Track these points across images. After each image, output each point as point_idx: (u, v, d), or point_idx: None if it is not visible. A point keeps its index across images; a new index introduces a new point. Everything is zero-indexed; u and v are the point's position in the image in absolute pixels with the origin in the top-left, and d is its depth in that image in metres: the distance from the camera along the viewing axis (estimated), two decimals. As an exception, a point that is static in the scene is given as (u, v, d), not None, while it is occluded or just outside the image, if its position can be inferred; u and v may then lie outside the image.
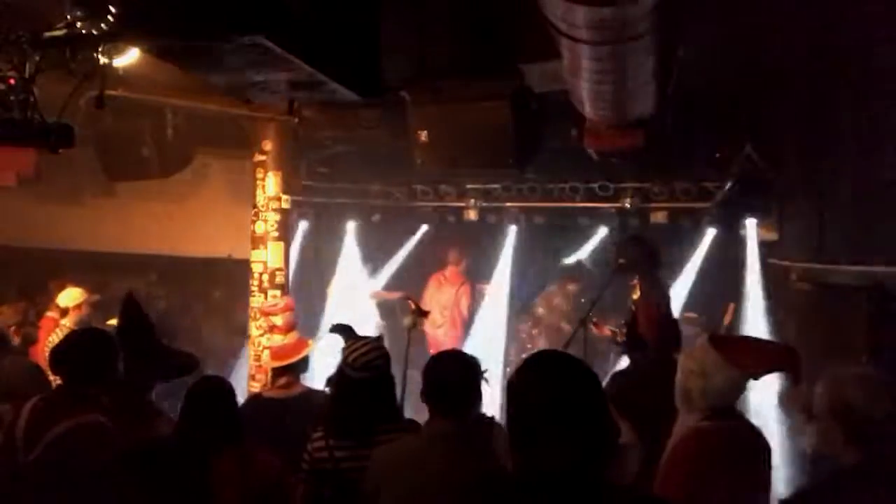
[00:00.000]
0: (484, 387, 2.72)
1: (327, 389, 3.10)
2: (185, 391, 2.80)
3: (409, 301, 5.37)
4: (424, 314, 5.23)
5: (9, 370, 3.67)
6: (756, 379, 2.88)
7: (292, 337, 4.07)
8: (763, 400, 4.65)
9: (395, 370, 3.10)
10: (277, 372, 3.87)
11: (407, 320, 5.27)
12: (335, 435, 2.88)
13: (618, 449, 2.27)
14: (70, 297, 5.78)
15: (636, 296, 6.89)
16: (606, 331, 6.76)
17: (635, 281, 6.96)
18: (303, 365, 3.92)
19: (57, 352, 3.10)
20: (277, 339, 4.06)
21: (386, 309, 8.46)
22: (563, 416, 1.58)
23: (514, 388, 1.67)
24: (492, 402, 3.05)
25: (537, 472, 1.60)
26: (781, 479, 3.10)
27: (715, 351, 2.75)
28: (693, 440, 2.69)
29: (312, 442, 2.91)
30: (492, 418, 2.86)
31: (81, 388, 2.91)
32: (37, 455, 2.73)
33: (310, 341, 4.08)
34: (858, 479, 2.14)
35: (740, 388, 2.76)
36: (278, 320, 4.25)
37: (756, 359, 2.85)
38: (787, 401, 2.91)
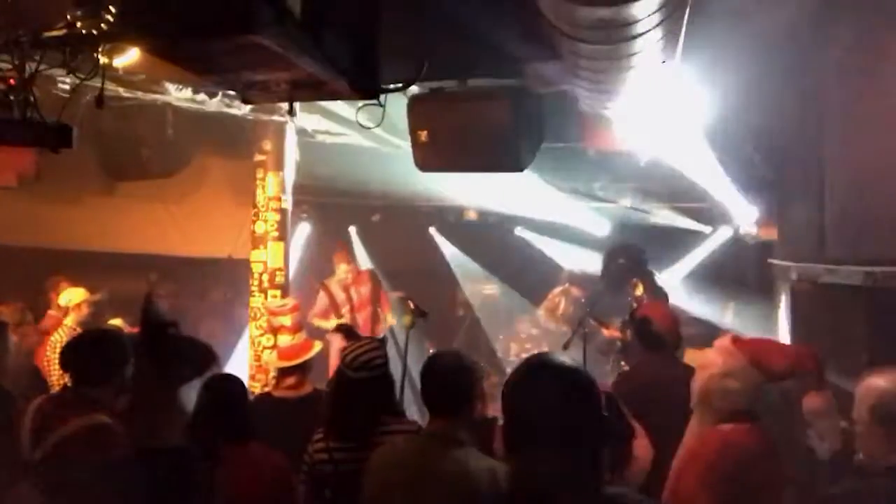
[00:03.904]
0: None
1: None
2: (200, 388, 2.81)
3: (408, 301, 5.37)
4: (423, 314, 5.22)
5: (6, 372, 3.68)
6: (777, 382, 2.88)
7: (300, 337, 4.09)
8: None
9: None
10: (285, 372, 3.88)
11: (405, 319, 5.26)
12: (335, 436, 2.88)
13: (628, 451, 2.26)
14: (70, 296, 5.79)
15: (639, 292, 6.92)
16: (616, 332, 6.77)
17: (636, 280, 6.98)
18: (309, 365, 3.94)
19: (66, 352, 3.10)
20: (285, 340, 4.08)
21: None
22: (559, 420, 1.57)
23: (510, 391, 1.66)
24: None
25: (531, 478, 1.59)
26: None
27: (739, 353, 2.74)
28: (715, 443, 2.68)
29: (313, 443, 2.91)
30: (493, 419, 2.86)
31: (88, 389, 2.91)
32: (42, 455, 2.74)
33: (316, 342, 4.09)
34: None
35: (760, 391, 2.75)
36: (286, 320, 4.26)
37: (780, 362, 2.84)
38: (809, 406, 2.90)
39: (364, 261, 9.20)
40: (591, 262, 9.14)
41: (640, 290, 6.86)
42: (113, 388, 2.93)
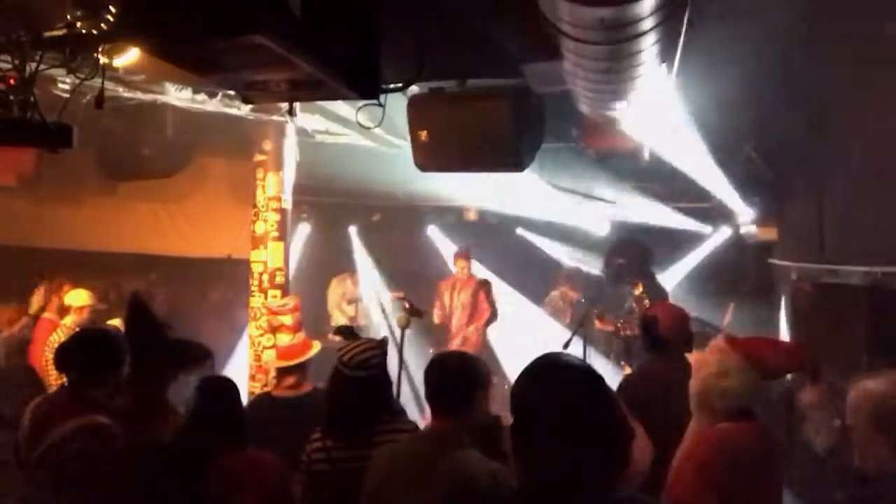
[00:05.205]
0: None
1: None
2: (193, 390, 2.80)
3: (404, 300, 5.35)
4: (419, 314, 5.21)
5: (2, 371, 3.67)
6: (774, 379, 2.87)
7: (299, 337, 4.09)
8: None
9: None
10: (284, 371, 3.88)
11: (401, 320, 5.24)
12: (333, 436, 2.87)
13: (631, 453, 2.26)
14: (78, 297, 5.78)
15: (638, 292, 6.91)
16: (610, 325, 6.77)
17: (636, 281, 6.98)
18: (308, 364, 3.94)
19: (63, 351, 3.09)
20: (285, 339, 4.07)
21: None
22: (567, 421, 1.56)
23: (518, 392, 1.66)
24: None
25: (539, 478, 1.58)
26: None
27: (733, 352, 2.73)
28: (714, 442, 2.67)
29: (310, 443, 2.91)
30: (498, 418, 2.85)
31: (85, 389, 2.91)
32: (38, 456, 2.74)
33: (315, 342, 4.09)
34: None
35: (758, 389, 2.75)
36: (287, 320, 4.26)
37: (775, 359, 2.84)
38: (805, 400, 2.89)
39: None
40: (591, 262, 9.15)
41: (639, 290, 6.86)
42: (109, 388, 2.92)
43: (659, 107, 4.40)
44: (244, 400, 3.03)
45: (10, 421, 3.10)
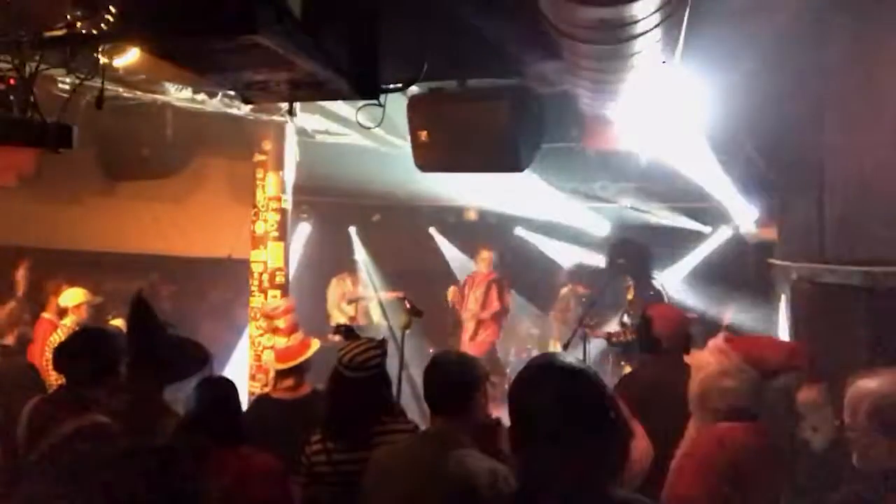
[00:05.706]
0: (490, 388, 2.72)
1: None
2: (192, 390, 2.80)
3: (406, 301, 5.35)
4: (420, 314, 5.21)
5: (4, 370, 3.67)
6: (773, 378, 2.87)
7: (295, 338, 4.07)
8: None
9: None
10: (282, 374, 3.87)
11: (402, 320, 5.24)
12: (333, 437, 2.87)
13: (629, 454, 2.26)
14: (72, 297, 5.78)
15: (630, 296, 6.91)
16: (601, 333, 6.75)
17: (630, 282, 6.99)
18: (307, 365, 3.93)
19: (60, 352, 3.10)
20: (281, 342, 4.06)
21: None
22: (565, 422, 1.56)
23: (515, 392, 1.66)
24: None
25: (539, 478, 1.58)
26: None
27: (733, 352, 2.73)
28: (714, 442, 2.67)
29: (311, 444, 2.91)
30: (498, 419, 2.85)
31: (83, 389, 2.91)
32: (38, 456, 2.74)
33: (314, 340, 4.07)
34: None
35: (758, 389, 2.75)
36: (281, 323, 4.24)
37: (774, 358, 2.84)
38: (803, 399, 2.89)
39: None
40: (591, 262, 9.15)
41: (631, 295, 6.87)
42: (107, 388, 2.92)
43: (659, 107, 4.40)
44: (244, 400, 3.03)
45: (9, 420, 3.10)
